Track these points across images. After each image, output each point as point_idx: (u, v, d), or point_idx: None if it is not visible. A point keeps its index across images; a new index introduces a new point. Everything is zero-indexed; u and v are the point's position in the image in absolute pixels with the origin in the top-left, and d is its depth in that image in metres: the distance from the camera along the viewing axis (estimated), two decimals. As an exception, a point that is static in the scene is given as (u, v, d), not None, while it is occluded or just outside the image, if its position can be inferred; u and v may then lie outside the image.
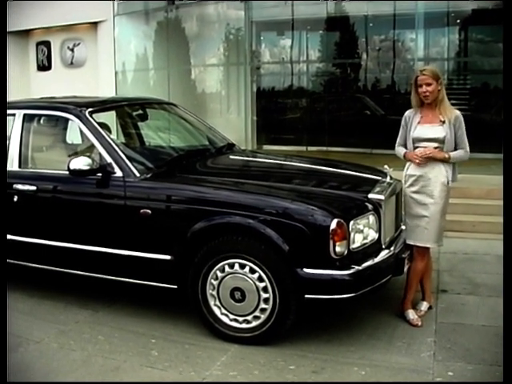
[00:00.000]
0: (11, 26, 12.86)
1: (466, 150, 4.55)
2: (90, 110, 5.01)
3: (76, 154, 5.06)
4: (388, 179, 4.87)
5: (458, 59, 11.99)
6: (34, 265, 5.13)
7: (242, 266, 4.20)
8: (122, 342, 4.39)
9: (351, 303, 4.39)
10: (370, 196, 4.39)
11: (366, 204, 4.32)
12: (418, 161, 4.49)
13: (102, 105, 5.42)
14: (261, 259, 4.12)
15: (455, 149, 4.53)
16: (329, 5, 11.89)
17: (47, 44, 14.35)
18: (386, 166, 5.08)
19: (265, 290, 4.16)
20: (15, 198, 5.00)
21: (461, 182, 4.89)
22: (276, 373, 3.92)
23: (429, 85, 4.44)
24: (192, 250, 4.33)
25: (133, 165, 4.68)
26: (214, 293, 4.33)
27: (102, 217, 4.74)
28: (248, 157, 6.09)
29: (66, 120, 5.26)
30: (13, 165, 5.11)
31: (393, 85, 12.39)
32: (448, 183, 4.53)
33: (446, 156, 4.48)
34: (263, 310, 4.20)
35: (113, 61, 13.09)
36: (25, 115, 5.26)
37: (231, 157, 5.69)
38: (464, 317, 4.79)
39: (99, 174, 4.66)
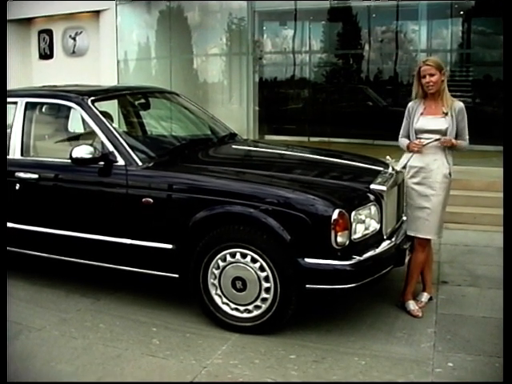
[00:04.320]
0: (13, 15, 12.82)
1: (467, 141, 4.58)
2: (93, 98, 5.00)
3: (78, 142, 5.06)
4: (390, 170, 4.86)
5: (460, 51, 11.95)
6: (35, 253, 5.13)
7: (244, 256, 4.21)
8: (123, 331, 4.41)
9: (352, 293, 4.39)
10: (372, 187, 4.38)
11: (368, 194, 4.32)
12: (416, 149, 4.51)
13: (104, 93, 5.41)
14: (262, 249, 4.13)
15: (456, 139, 4.54)
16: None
17: (49, 32, 14.28)
18: (387, 157, 5.07)
19: (266, 279, 4.17)
20: (17, 186, 5.00)
21: (462, 174, 4.92)
22: (277, 362, 3.93)
23: (432, 75, 4.45)
24: (194, 239, 4.33)
25: (135, 153, 4.68)
26: (216, 282, 4.34)
27: (103, 205, 4.75)
28: (250, 147, 6.07)
29: (68, 108, 5.25)
30: (15, 153, 5.11)
31: (395, 76, 12.35)
32: (450, 175, 4.54)
33: (455, 143, 4.50)
34: (264, 300, 4.21)
35: (115, 50, 13.04)
36: (27, 103, 5.26)
37: (233, 146, 5.69)
38: (464, 308, 4.80)
39: (101, 163, 4.66)
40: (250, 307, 4.28)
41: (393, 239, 4.44)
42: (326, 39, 13.02)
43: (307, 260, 4.04)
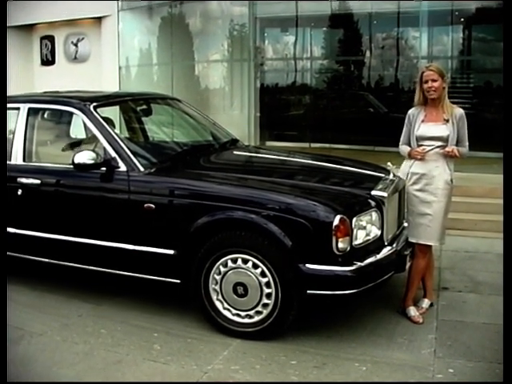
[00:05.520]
0: (15, 21, 12.90)
1: (467, 148, 4.60)
2: (95, 104, 5.02)
3: (80, 148, 5.07)
4: (391, 176, 4.87)
5: (461, 58, 11.99)
6: (37, 258, 5.13)
7: (245, 261, 4.22)
8: (124, 336, 4.41)
9: (353, 299, 4.39)
10: (373, 193, 4.39)
11: (369, 201, 4.33)
12: (419, 156, 4.53)
13: (106, 99, 5.42)
14: (264, 254, 4.14)
15: (456, 146, 4.55)
16: (333, 2, 11.89)
17: (51, 38, 14.34)
18: (389, 164, 5.07)
19: (267, 285, 4.17)
20: (19, 192, 5.02)
21: (462, 180, 4.92)
22: (277, 368, 3.94)
23: (434, 81, 4.47)
24: (195, 244, 4.34)
25: (137, 159, 4.68)
26: (217, 287, 4.35)
27: (105, 211, 4.76)
28: (251, 153, 6.08)
29: (71, 114, 5.27)
30: (17, 158, 5.13)
31: (396, 82, 12.39)
32: (451, 181, 4.56)
33: (457, 155, 4.51)
34: (265, 305, 4.21)
35: (117, 56, 13.11)
36: (29, 109, 5.27)
37: (235, 152, 5.70)
38: (465, 314, 4.81)
39: (103, 168, 4.67)
40: (252, 313, 4.28)
41: (394, 245, 4.45)
42: (327, 46, 13.07)
43: (308, 266, 4.05)
